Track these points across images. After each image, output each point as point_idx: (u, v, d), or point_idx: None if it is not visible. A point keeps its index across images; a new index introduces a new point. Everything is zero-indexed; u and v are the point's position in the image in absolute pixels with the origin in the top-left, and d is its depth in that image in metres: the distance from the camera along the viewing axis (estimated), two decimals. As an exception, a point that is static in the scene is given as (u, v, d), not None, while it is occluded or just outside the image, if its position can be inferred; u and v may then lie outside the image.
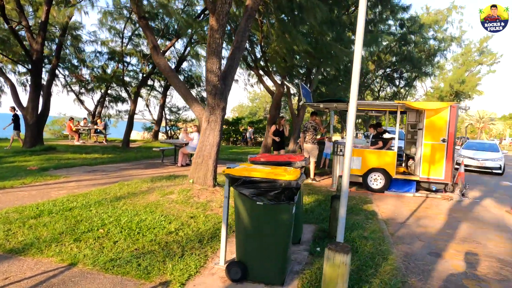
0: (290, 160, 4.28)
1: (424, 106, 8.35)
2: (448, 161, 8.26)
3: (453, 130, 8.21)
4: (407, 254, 4.44)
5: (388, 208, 7.11)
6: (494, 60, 41.33)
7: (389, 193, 8.67)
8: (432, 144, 8.34)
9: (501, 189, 10.76)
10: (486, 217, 6.79)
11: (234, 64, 6.85)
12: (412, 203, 7.75)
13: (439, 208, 7.34)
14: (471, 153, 15.19)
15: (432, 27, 25.51)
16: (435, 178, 8.38)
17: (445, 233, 5.56)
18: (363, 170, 8.86)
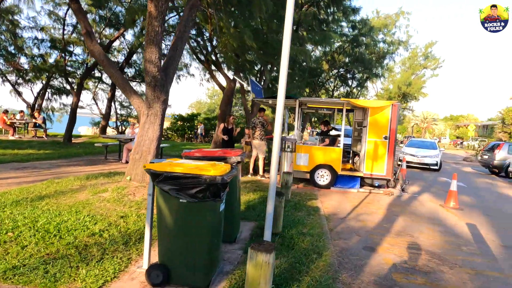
0: (225, 155, 4.09)
1: (367, 104, 8.57)
2: (389, 157, 8.55)
3: (394, 128, 8.51)
4: (343, 250, 4.44)
5: (331, 203, 7.18)
6: (437, 65, 44.37)
7: (335, 189, 8.82)
8: (375, 141, 8.60)
9: (438, 185, 11.43)
10: (421, 211, 7.10)
11: (176, 55, 6.51)
12: (356, 198, 7.93)
13: (380, 203, 7.57)
14: (412, 151, 16.24)
15: (382, 31, 26.73)
16: (377, 174, 8.65)
17: (382, 227, 5.69)
18: (310, 167, 8.92)
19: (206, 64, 11.20)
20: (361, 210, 6.82)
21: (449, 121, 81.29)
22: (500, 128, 47.49)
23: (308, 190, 8.43)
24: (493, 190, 11.10)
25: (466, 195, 9.58)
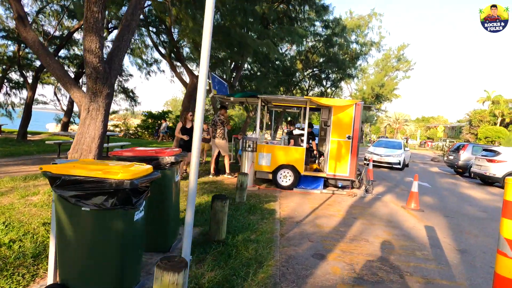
0: (157, 155, 3.65)
1: (330, 102, 8.34)
2: (352, 158, 8.36)
3: (357, 127, 8.32)
4: (290, 258, 4.11)
5: (290, 206, 6.87)
6: (409, 67, 45.43)
7: (298, 190, 8.54)
8: (338, 141, 8.38)
9: (404, 185, 11.42)
10: (382, 213, 6.92)
11: (123, 46, 5.98)
12: (317, 200, 7.67)
13: (341, 205, 7.33)
14: (377, 150, 16.79)
15: (355, 31, 26.91)
16: (340, 174, 8.44)
17: (338, 231, 5.42)
18: (272, 167, 8.59)
19: (168, 59, 10.64)
20: (320, 212, 6.54)
21: (420, 122, 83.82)
22: (467, 130, 49.30)
23: (269, 192, 8.10)
24: (456, 191, 11.19)
25: (429, 196, 9.56)
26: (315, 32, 25.28)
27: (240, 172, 6.61)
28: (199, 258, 3.75)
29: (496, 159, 12.29)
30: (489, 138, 34.78)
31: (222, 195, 4.27)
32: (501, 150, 12.70)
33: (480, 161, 13.19)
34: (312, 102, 8.52)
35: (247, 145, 8.11)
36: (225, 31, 8.56)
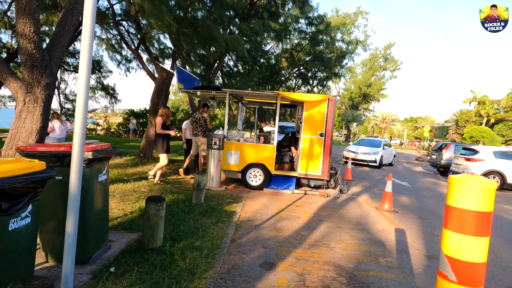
0: (70, 151, 3.12)
1: (301, 97, 7.89)
2: (325, 156, 7.93)
3: (330, 124, 7.89)
4: (233, 268, 3.62)
5: (255, 207, 6.39)
6: (396, 67, 45.49)
7: (268, 190, 8.07)
8: (311, 139, 7.94)
9: (383, 184, 11.06)
10: (352, 215, 6.49)
11: (65, 32, 5.42)
12: (286, 201, 7.21)
13: (310, 206, 6.89)
14: (355, 148, 16.97)
15: (340, 29, 26.62)
16: (312, 174, 8.00)
17: (299, 235, 4.96)
18: (241, 166, 8.11)
19: (135, 51, 10.06)
20: (285, 214, 6.08)
21: (409, 123, 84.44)
22: (454, 130, 49.64)
23: (237, 192, 7.61)
24: (435, 191, 10.88)
25: (406, 196, 9.20)
26: (300, 29, 24.88)
27: (196, 170, 6.10)
28: (124, 270, 3.24)
29: (474, 158, 12.04)
30: (474, 138, 34.94)
31: (159, 196, 3.76)
32: (479, 149, 12.47)
33: (458, 160, 12.95)
34: (283, 97, 8.06)
35: (212, 143, 7.60)
36: (193, 23, 8.04)
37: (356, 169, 14.90)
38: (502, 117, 41.94)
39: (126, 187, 6.87)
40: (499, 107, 47.38)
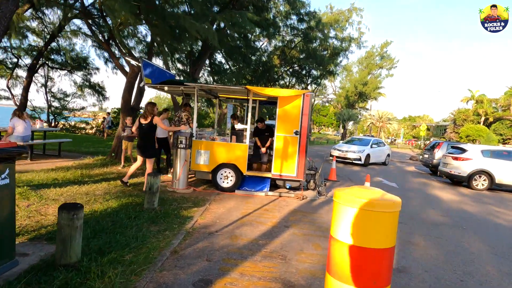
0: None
1: (275, 93, 7.35)
2: (301, 156, 7.40)
3: (306, 121, 7.36)
4: (159, 287, 3.10)
5: (218, 212, 5.86)
6: (392, 65, 44.95)
7: (240, 192, 7.54)
8: (285, 137, 7.41)
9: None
10: (324, 220, 5.97)
11: (1, 19, 4.88)
12: (256, 204, 6.68)
13: (281, 210, 6.36)
14: (344, 147, 17.00)
15: (333, 26, 26.05)
16: (287, 175, 7.47)
17: (256, 244, 4.43)
18: (211, 166, 7.58)
19: (104, 45, 9.50)
20: (250, 219, 5.55)
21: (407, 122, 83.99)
22: (451, 129, 49.16)
23: (204, 195, 7.09)
24: (423, 192, 10.36)
25: (390, 198, 8.68)
26: (292, 26, 24.33)
27: (150, 172, 5.57)
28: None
29: (461, 157, 11.51)
30: (470, 136, 34.44)
31: (74, 203, 3.23)
32: (468, 148, 11.94)
33: (446, 159, 12.43)
34: (255, 93, 7.52)
35: (178, 141, 7.06)
36: (161, 13, 7.49)
37: (345, 169, 14.39)
38: (500, 116, 41.46)
39: (80, 189, 6.33)
40: (497, 106, 46.91)
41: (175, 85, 7.63)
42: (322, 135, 65.44)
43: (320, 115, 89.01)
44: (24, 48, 18.66)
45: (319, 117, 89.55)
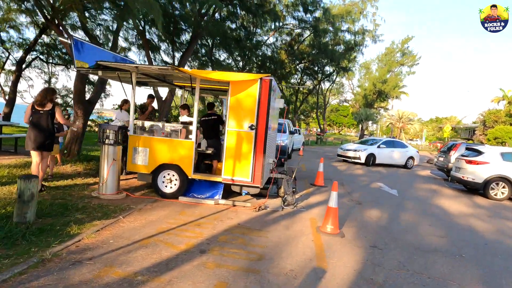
0: None
1: (224, 77, 5.91)
2: (258, 156, 5.94)
3: (264, 114, 5.89)
4: None
5: (125, 227, 4.51)
6: (414, 62, 42.22)
7: (185, 199, 6.17)
8: (238, 133, 5.97)
9: (361, 192, 8.89)
10: (268, 241, 4.50)
11: None
12: (192, 216, 5.29)
13: (217, 226, 4.93)
14: (347, 146, 17.02)
15: (345, 18, 24.15)
16: (240, 179, 6.02)
17: (128, 282, 3.05)
18: (151, 167, 6.25)
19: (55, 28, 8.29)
20: (160, 239, 4.18)
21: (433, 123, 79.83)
22: (481, 131, 45.70)
23: (135, 202, 5.77)
24: (427, 202, 8.59)
25: (381, 209, 7.04)
26: (298, 18, 22.71)
27: (22, 175, 4.29)
28: None
29: (476, 160, 9.59)
30: (499, 139, 31.41)
31: None
32: (485, 149, 9.98)
33: (459, 162, 10.52)
34: (203, 79, 6.10)
35: (104, 136, 5.78)
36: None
37: (344, 172, 12.72)
38: (536, 117, 37.87)
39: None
40: (532, 106, 43.05)
41: (110, 70, 6.36)
42: (341, 136, 63.00)
43: (340, 116, 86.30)
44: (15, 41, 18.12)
45: (340, 118, 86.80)
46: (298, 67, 30.01)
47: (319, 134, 35.37)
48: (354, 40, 26.99)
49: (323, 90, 39.80)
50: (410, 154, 16.87)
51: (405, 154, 16.75)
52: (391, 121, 43.48)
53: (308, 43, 27.07)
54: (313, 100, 46.04)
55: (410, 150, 17.07)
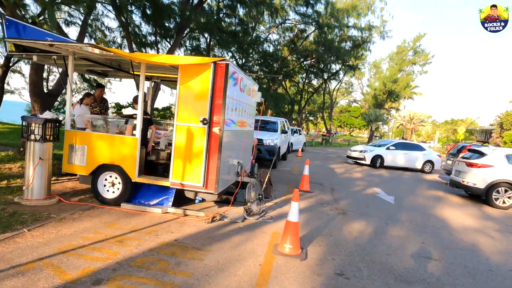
0: None
1: (171, 60, 4.92)
2: (211, 157, 4.94)
3: (220, 105, 4.89)
4: None
5: (24, 245, 3.58)
6: (427, 60, 40.50)
7: (128, 206, 5.22)
8: (188, 128, 4.98)
9: (351, 199, 7.79)
10: (203, 265, 3.49)
11: None
12: (128, 228, 4.33)
13: (144, 243, 3.96)
14: (355, 147, 16.87)
15: (350, 13, 22.89)
16: (190, 184, 5.03)
17: None
18: (89, 168, 5.33)
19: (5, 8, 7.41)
20: (50, 263, 3.23)
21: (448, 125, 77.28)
22: (497, 133, 43.62)
23: (64, 209, 4.84)
24: (427, 212, 7.42)
25: (367, 221, 5.95)
26: (299, 12, 21.62)
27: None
28: None
29: (478, 163, 8.35)
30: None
31: None
32: (488, 151, 8.71)
33: (459, 165, 9.31)
34: (150, 64, 5.13)
35: (29, 131, 4.88)
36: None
37: (341, 175, 11.59)
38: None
39: None
40: (553, 107, 40.79)
41: (47, 53, 5.46)
42: (351, 137, 61.35)
43: (351, 117, 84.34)
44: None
45: (351, 119, 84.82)
46: (302, 65, 28.89)
47: (325, 135, 34.10)
48: (361, 37, 25.75)
49: (330, 89, 38.48)
50: (428, 158, 15.62)
51: (422, 157, 15.56)
52: (401, 122, 41.80)
53: (312, 40, 25.96)
54: (321, 100, 44.76)
55: (429, 154, 15.80)
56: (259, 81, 27.70)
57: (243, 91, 6.02)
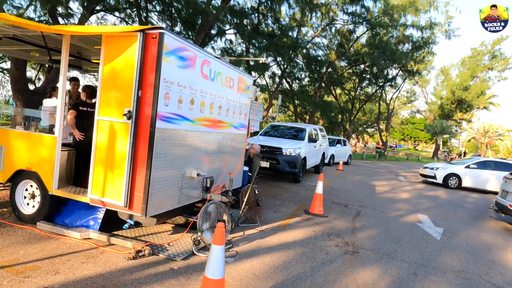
0: None
1: (92, 29, 3.60)
2: (140, 164, 3.48)
3: (151, 91, 3.43)
4: None
5: None
6: (506, 66, 34.99)
7: (45, 227, 3.98)
8: (111, 124, 3.60)
9: (376, 229, 5.76)
10: None
11: None
12: (4, 260, 3.06)
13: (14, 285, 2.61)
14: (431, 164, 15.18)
15: (406, 10, 20.08)
16: (110, 201, 3.61)
17: None
18: (6, 174, 4.22)
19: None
20: None
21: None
22: None
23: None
24: (485, 258, 5.11)
25: (381, 267, 4.00)
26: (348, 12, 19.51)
27: None
28: None
29: None
30: None
31: None
32: None
33: (507, 184, 6.84)
34: (74, 34, 3.89)
35: None
36: None
37: (381, 195, 9.37)
38: None
39: None
40: None
41: None
42: (415, 151, 55.85)
43: (416, 129, 77.38)
44: None
45: (415, 131, 77.82)
46: (354, 70, 26.42)
47: (379, 147, 30.82)
48: (422, 37, 22.62)
49: (387, 98, 35.00)
50: None
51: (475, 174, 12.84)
52: (474, 136, 36.45)
53: (364, 42, 23.52)
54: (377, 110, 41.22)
55: None
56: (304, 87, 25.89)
57: (214, 80, 4.51)
